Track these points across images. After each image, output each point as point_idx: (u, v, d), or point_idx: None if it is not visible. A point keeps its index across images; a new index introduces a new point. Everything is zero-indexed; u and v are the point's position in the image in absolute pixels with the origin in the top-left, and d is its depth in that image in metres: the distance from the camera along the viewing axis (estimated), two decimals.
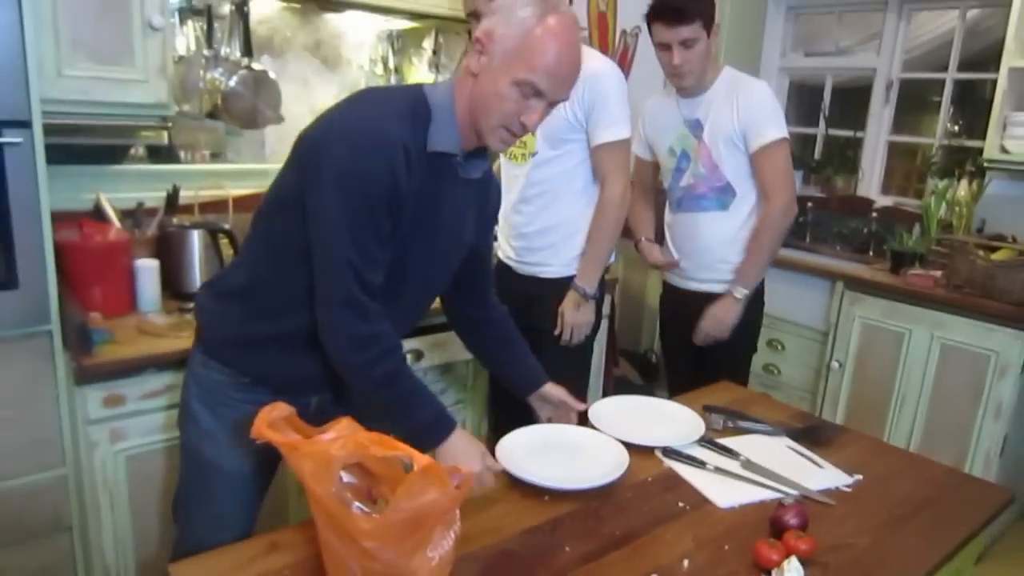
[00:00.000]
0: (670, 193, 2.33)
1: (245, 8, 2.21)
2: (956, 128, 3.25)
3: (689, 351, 2.33)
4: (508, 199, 2.11)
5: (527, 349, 1.68)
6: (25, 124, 1.65)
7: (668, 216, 2.38)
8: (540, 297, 2.13)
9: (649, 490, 1.41)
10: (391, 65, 2.74)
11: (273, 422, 1.10)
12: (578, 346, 2.15)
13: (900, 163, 3.69)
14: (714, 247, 2.23)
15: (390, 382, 1.31)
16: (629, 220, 2.26)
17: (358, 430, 1.08)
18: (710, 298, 2.24)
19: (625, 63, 3.70)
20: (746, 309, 2.22)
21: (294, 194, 1.26)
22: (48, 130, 1.71)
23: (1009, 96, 2.78)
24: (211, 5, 2.24)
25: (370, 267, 1.25)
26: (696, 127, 2.19)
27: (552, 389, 1.63)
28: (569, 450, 1.51)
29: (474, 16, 1.91)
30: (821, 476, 1.49)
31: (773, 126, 2.09)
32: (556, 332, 2.12)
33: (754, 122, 2.10)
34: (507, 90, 1.23)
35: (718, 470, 1.47)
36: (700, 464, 1.49)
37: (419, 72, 2.81)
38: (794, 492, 1.40)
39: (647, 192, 2.48)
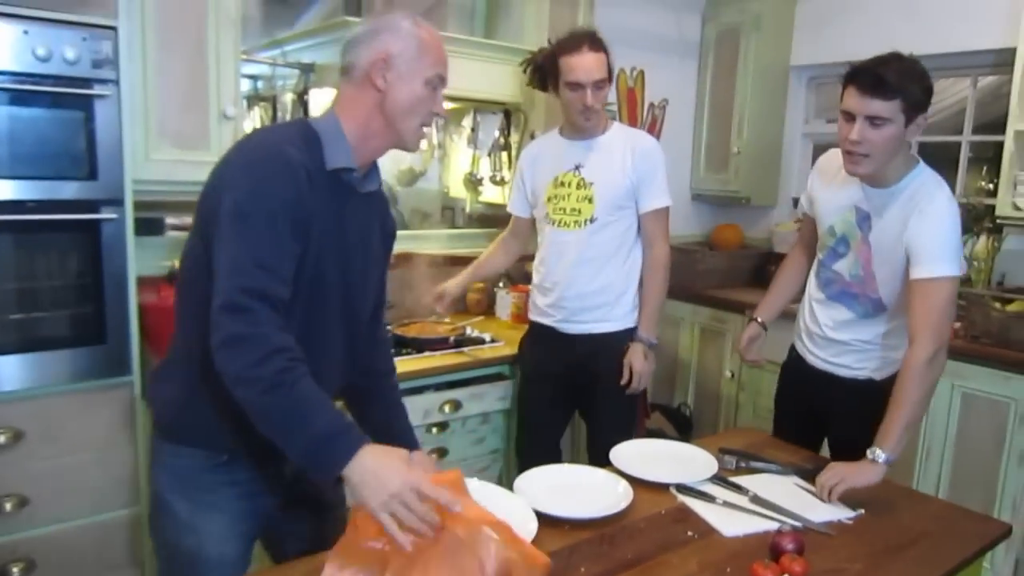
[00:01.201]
0: (821, 267, 2.05)
1: (305, 96, 2.50)
2: (991, 186, 3.33)
3: (803, 424, 2.13)
4: (562, 264, 2.32)
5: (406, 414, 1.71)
6: (119, 202, 1.94)
7: (813, 287, 2.10)
8: (599, 351, 2.35)
9: (661, 522, 1.55)
10: (435, 141, 3.02)
11: None
12: (632, 393, 2.37)
13: None
14: (850, 343, 2.00)
15: (276, 387, 1.15)
16: (775, 276, 2.27)
17: None
18: (836, 380, 2.03)
19: (654, 133, 3.92)
20: (884, 396, 1.84)
21: (202, 249, 1.28)
22: (137, 206, 1.99)
23: (1017, 157, 2.91)
24: (276, 95, 2.54)
25: (262, 275, 1.19)
26: (864, 221, 1.90)
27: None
28: (583, 487, 1.65)
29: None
30: (823, 509, 1.60)
31: (946, 260, 1.75)
32: (623, 381, 2.33)
33: (925, 250, 1.77)
34: (422, 90, 1.37)
35: (726, 504, 1.60)
36: (710, 499, 1.61)
37: (459, 147, 3.07)
38: (797, 523, 1.52)
39: (806, 250, 2.19)
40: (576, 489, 1.63)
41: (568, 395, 2.44)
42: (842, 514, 1.59)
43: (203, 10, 2.10)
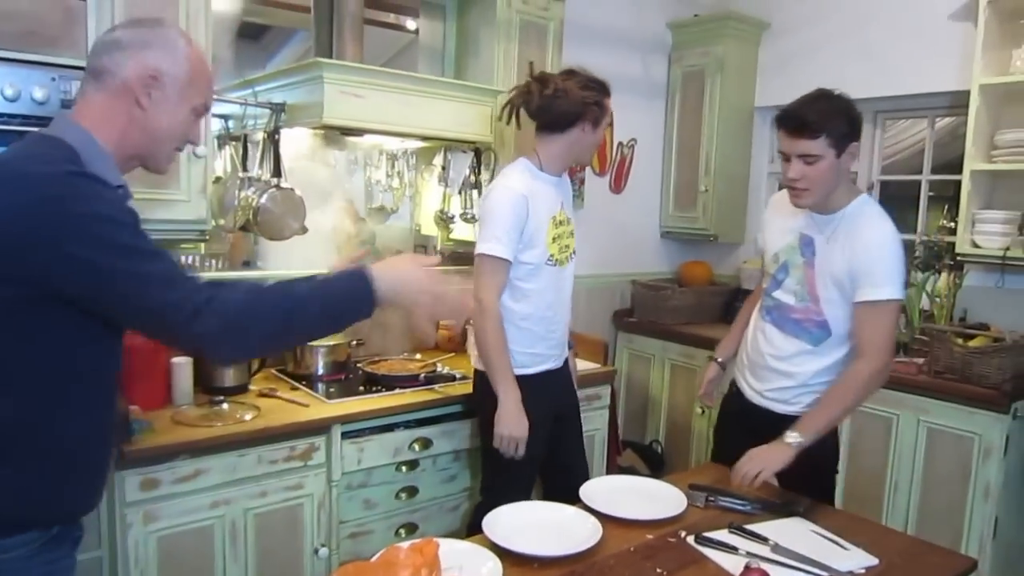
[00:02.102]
0: (764, 297, 2.13)
1: (276, 136, 2.51)
2: (952, 224, 3.39)
3: (740, 456, 2.04)
4: (560, 298, 2.35)
5: None
6: None
7: (755, 317, 2.17)
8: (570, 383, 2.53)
9: (630, 559, 1.55)
10: (406, 180, 3.04)
11: None
12: None
13: None
14: (795, 374, 2.04)
15: (289, 309, 1.24)
16: (737, 316, 2.34)
17: None
18: (771, 416, 2.07)
19: (623, 172, 3.99)
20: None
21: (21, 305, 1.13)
22: None
23: (974, 195, 3.00)
24: (246, 134, 2.55)
25: (184, 280, 1.19)
26: (808, 248, 1.99)
27: None
28: (551, 524, 1.64)
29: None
30: (845, 557, 1.56)
31: (889, 284, 1.86)
32: None
33: (869, 275, 1.87)
34: (186, 116, 1.30)
35: (749, 554, 1.53)
36: (732, 549, 1.57)
37: (430, 185, 3.10)
38: (823, 573, 1.49)
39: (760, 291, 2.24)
40: (544, 527, 1.63)
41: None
42: (865, 562, 1.55)
43: None
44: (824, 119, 1.83)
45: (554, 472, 2.43)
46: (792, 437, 1.85)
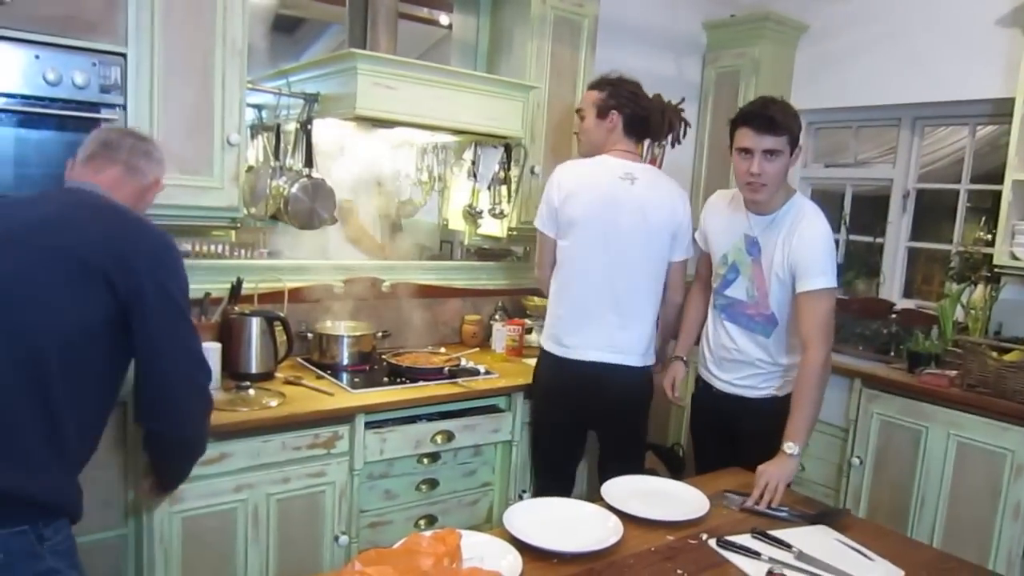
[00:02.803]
0: (716, 295, 2.32)
1: (308, 126, 2.53)
2: (989, 236, 3.32)
3: (719, 447, 2.33)
4: None
5: None
6: None
7: (711, 315, 2.37)
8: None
9: (650, 559, 1.53)
10: (435, 173, 3.04)
11: None
12: None
13: (928, 267, 3.83)
14: (755, 362, 2.25)
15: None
16: (682, 317, 2.53)
17: None
18: (743, 401, 2.27)
19: None
20: (787, 411, 2.13)
21: (111, 316, 1.42)
22: None
23: (1015, 207, 2.94)
24: (279, 124, 2.58)
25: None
26: (753, 247, 2.18)
27: None
28: (572, 521, 1.64)
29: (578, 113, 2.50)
30: (868, 567, 1.54)
31: (824, 275, 2.06)
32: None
33: (805, 266, 2.07)
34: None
35: (772, 560, 1.52)
36: (755, 554, 1.55)
37: (459, 180, 3.10)
38: None
39: (704, 286, 2.47)
40: (565, 523, 1.62)
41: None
42: (890, 574, 1.53)
43: (211, 40, 2.14)
44: (787, 120, 2.05)
45: None
46: (789, 448, 1.99)
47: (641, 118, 2.41)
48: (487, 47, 3.17)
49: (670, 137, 2.42)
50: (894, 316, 3.50)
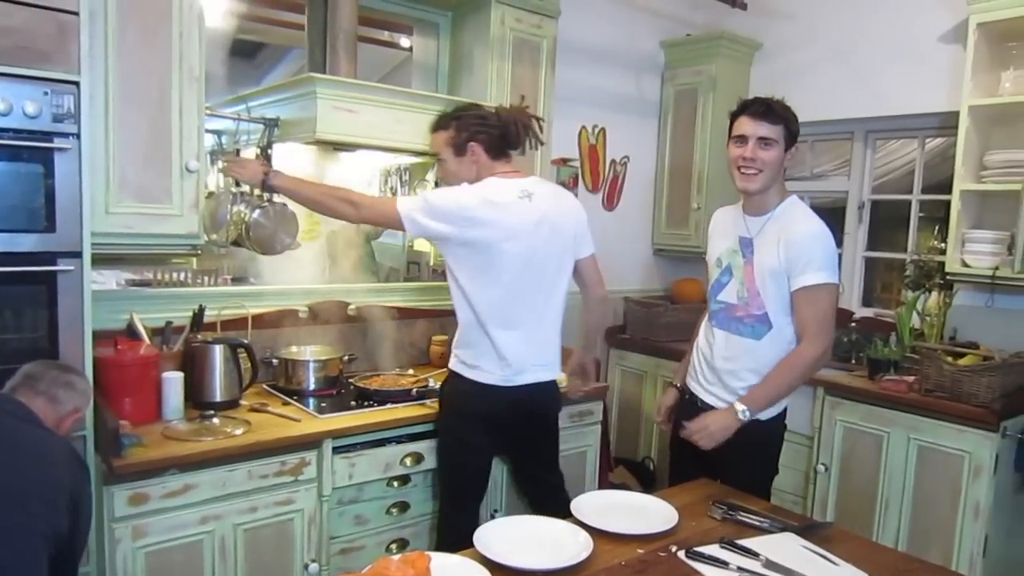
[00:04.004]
0: (709, 301, 2.29)
1: (269, 150, 2.52)
2: (942, 244, 3.40)
3: (699, 464, 2.21)
4: None
5: None
6: (77, 255, 1.92)
7: (704, 327, 2.33)
8: None
9: (620, 573, 1.54)
10: (400, 194, 3.05)
11: None
12: None
13: (885, 276, 3.93)
14: (742, 374, 2.16)
15: None
16: (692, 339, 2.40)
17: None
18: None
19: (616, 190, 4.02)
20: (769, 435, 2.20)
21: None
22: (95, 259, 1.98)
23: (964, 215, 3.03)
24: (239, 149, 2.56)
25: None
26: (747, 247, 2.16)
27: None
28: (542, 538, 1.64)
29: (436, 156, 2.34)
30: (836, 573, 1.56)
31: (822, 269, 2.03)
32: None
33: (801, 262, 2.04)
34: None
35: (740, 569, 1.53)
36: (722, 564, 1.55)
37: None
38: None
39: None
40: (536, 540, 1.62)
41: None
42: None
43: (167, 67, 2.13)
44: (785, 112, 2.09)
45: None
46: (740, 409, 2.07)
47: (499, 137, 2.29)
48: (448, 68, 3.19)
49: (530, 140, 2.35)
50: (854, 324, 3.58)
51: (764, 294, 2.11)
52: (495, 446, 2.38)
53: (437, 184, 3.03)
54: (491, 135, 2.28)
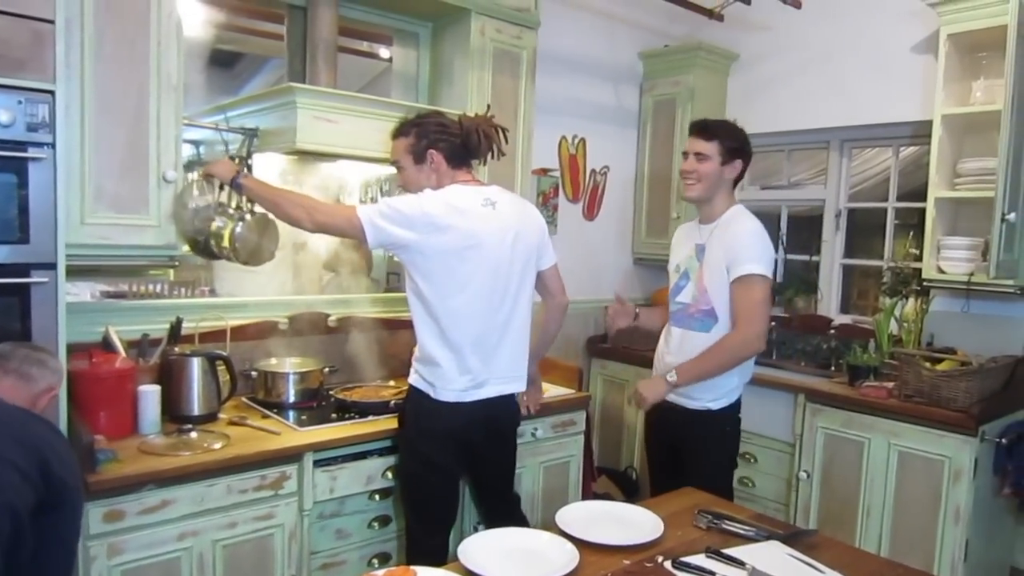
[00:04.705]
0: (670, 304, 2.50)
1: (249, 160, 2.50)
2: (918, 251, 3.43)
3: (670, 461, 2.47)
4: None
5: None
6: (51, 266, 1.88)
7: (664, 331, 2.55)
8: None
9: None
10: None
11: None
12: None
13: (862, 282, 3.97)
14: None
15: None
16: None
17: None
18: (689, 414, 2.40)
19: (596, 199, 4.03)
20: (721, 423, 2.40)
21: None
22: (69, 271, 1.94)
23: (939, 222, 3.07)
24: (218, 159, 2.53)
25: None
26: (701, 252, 2.40)
27: None
28: (528, 550, 1.63)
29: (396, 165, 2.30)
30: None
31: (752, 261, 2.25)
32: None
33: (736, 255, 2.27)
34: None
35: None
36: (709, 574, 1.54)
37: None
38: None
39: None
40: (521, 553, 1.61)
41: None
42: None
43: (145, 76, 2.10)
44: (719, 129, 2.37)
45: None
46: (671, 376, 2.31)
47: (460, 145, 2.25)
48: (428, 79, 3.19)
49: (492, 150, 2.31)
50: (833, 331, 3.61)
51: (711, 290, 2.34)
52: (460, 464, 2.31)
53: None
54: (452, 143, 2.24)
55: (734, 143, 2.36)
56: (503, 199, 2.26)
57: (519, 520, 1.94)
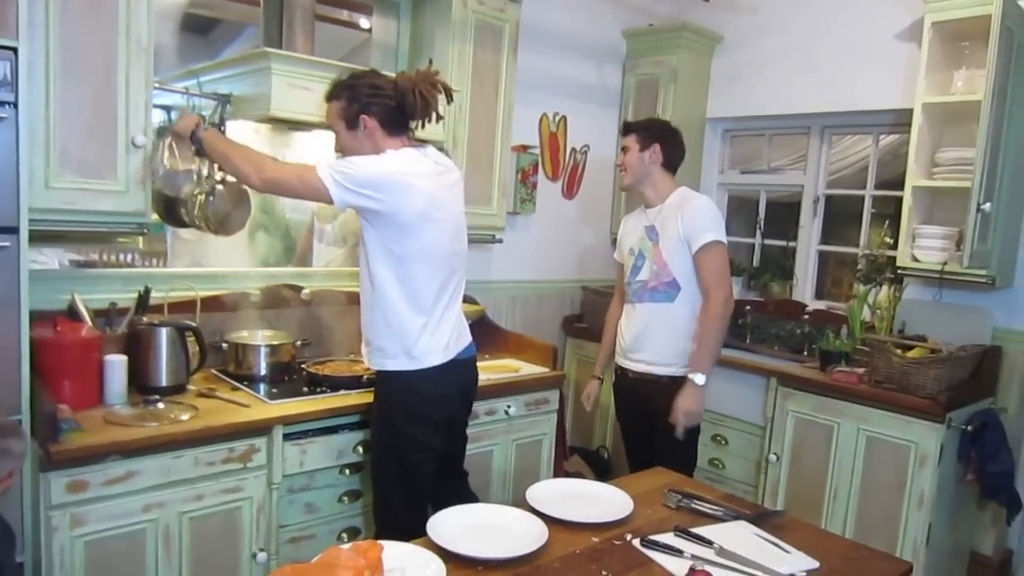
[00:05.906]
0: (628, 287, 2.70)
1: (221, 128, 2.44)
2: (892, 239, 3.45)
3: (642, 430, 2.69)
4: None
5: None
6: (13, 230, 1.82)
7: (626, 307, 2.73)
8: None
9: (576, 561, 1.53)
10: None
11: None
12: None
13: (837, 269, 3.99)
14: (662, 335, 2.59)
15: None
16: (604, 331, 2.92)
17: None
18: (658, 381, 2.59)
19: (575, 178, 4.01)
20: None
21: None
22: (33, 236, 1.89)
23: (915, 211, 3.09)
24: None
25: None
26: (652, 232, 2.62)
27: None
28: (496, 527, 1.63)
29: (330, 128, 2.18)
30: (787, 561, 1.57)
31: (711, 231, 2.49)
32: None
33: (695, 228, 2.50)
34: None
35: (695, 557, 1.54)
36: (677, 552, 1.56)
37: None
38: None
39: (621, 296, 2.82)
40: (489, 529, 1.61)
41: None
42: (806, 565, 1.56)
43: (113, 36, 2.04)
44: (635, 124, 2.70)
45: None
46: (697, 379, 2.46)
47: (395, 108, 2.09)
48: (408, 51, 3.14)
49: (432, 112, 2.15)
50: (807, 317, 3.63)
51: (671, 263, 2.55)
52: (446, 437, 2.25)
53: None
54: (386, 106, 2.07)
55: (648, 131, 2.63)
56: (444, 160, 2.24)
57: (467, 496, 1.96)
